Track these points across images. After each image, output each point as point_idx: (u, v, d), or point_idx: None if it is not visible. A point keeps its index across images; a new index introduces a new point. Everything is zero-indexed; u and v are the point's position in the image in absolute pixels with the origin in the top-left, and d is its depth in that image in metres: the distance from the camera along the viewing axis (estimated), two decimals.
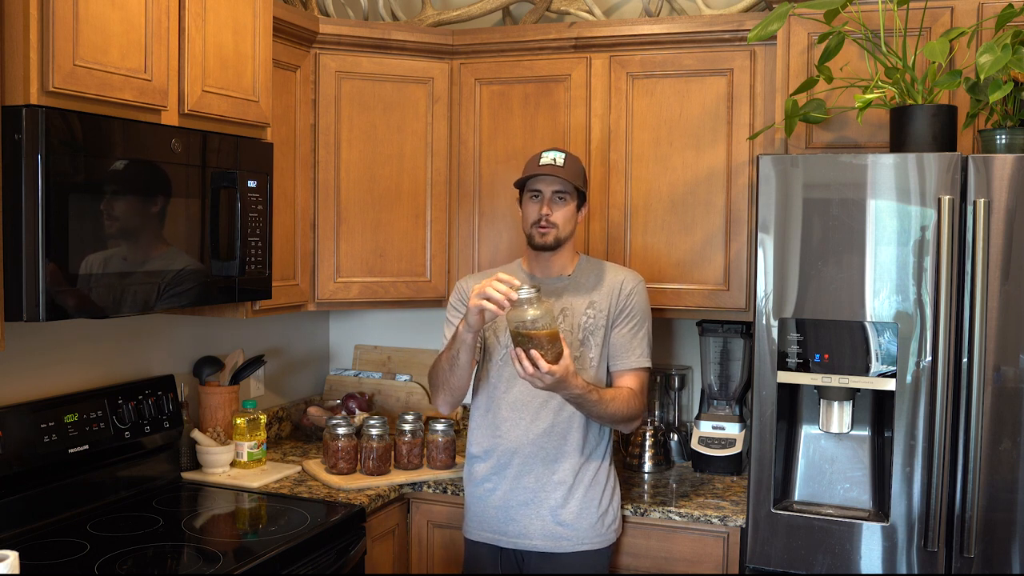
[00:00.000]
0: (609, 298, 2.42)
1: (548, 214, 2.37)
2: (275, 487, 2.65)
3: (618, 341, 2.41)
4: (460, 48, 2.96)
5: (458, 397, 2.42)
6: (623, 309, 2.42)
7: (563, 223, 2.39)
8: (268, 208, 2.48)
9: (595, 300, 2.42)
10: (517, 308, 2.10)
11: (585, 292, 2.43)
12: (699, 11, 2.95)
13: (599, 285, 2.44)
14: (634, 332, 2.42)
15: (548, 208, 2.37)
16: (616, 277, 2.45)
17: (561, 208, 2.38)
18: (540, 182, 2.38)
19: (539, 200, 2.38)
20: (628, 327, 2.42)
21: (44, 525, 2.26)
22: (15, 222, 1.84)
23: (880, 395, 2.29)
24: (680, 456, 3.01)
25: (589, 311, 2.41)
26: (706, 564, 2.49)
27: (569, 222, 2.41)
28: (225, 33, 2.32)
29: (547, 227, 2.38)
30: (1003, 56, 2.00)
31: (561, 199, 2.38)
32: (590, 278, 2.46)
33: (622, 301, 2.42)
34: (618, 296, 2.42)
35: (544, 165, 2.37)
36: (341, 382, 3.45)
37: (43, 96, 1.85)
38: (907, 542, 2.18)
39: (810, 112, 2.38)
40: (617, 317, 2.42)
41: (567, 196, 2.38)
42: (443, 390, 2.40)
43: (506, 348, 2.41)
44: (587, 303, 2.42)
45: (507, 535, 2.41)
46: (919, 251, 2.14)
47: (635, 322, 2.42)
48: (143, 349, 2.71)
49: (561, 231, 2.39)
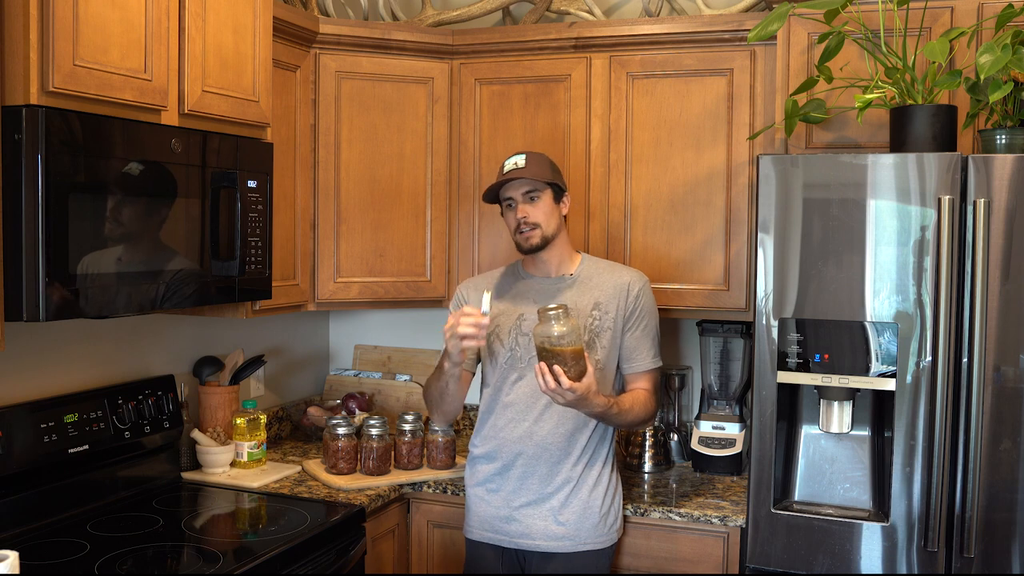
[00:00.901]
0: (617, 301, 2.41)
1: (525, 216, 2.36)
2: (275, 487, 2.65)
3: (630, 344, 2.41)
4: (460, 48, 2.96)
5: (452, 416, 2.52)
6: (633, 311, 2.41)
7: (544, 219, 2.37)
8: (268, 208, 2.48)
9: (601, 301, 2.41)
10: (544, 323, 2.11)
11: (589, 293, 2.42)
12: (699, 11, 2.95)
13: (604, 286, 2.43)
14: (645, 334, 2.43)
15: (524, 211, 2.36)
16: (622, 278, 2.44)
17: (536, 206, 2.37)
18: (509, 189, 2.38)
19: (514, 207, 2.38)
20: (639, 329, 2.42)
21: (44, 525, 2.26)
22: (15, 222, 1.84)
23: (880, 395, 2.29)
24: (680, 456, 3.01)
25: (595, 312, 2.40)
26: (706, 564, 2.49)
27: (551, 216, 2.39)
28: (225, 33, 2.32)
29: (529, 230, 2.37)
30: (1003, 56, 2.00)
31: (534, 198, 2.36)
32: (594, 278, 2.45)
33: (631, 304, 2.41)
34: (627, 299, 2.41)
35: (507, 172, 2.37)
36: (341, 382, 3.45)
37: (43, 96, 1.85)
38: (907, 542, 2.18)
39: (810, 112, 2.38)
40: (628, 320, 2.41)
41: (539, 193, 2.37)
42: (437, 411, 2.49)
43: (510, 351, 2.41)
44: (592, 304, 2.41)
45: (509, 535, 2.41)
46: (919, 251, 2.14)
47: (645, 323, 2.43)
48: (143, 349, 2.71)
49: (545, 228, 2.38)
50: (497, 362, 2.44)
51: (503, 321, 2.44)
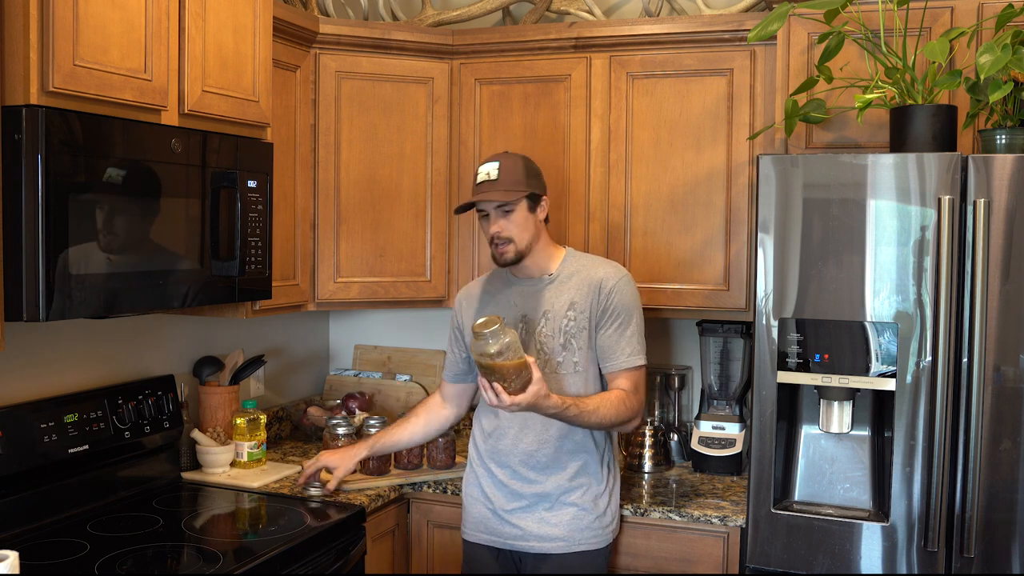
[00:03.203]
0: (589, 298, 2.34)
1: (499, 231, 2.31)
2: (275, 487, 2.65)
3: (605, 343, 2.34)
4: (460, 48, 2.96)
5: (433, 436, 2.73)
6: (605, 309, 2.33)
7: (518, 233, 2.32)
8: (268, 208, 2.48)
9: (576, 301, 2.35)
10: (479, 340, 2.03)
11: (566, 292, 2.36)
12: (699, 11, 2.95)
13: (580, 283, 2.36)
14: (620, 331, 2.33)
15: (497, 225, 2.31)
16: (596, 274, 2.36)
17: (510, 219, 2.31)
18: (481, 201, 2.32)
19: (488, 220, 2.34)
20: (613, 327, 2.33)
21: (44, 525, 2.26)
22: (15, 222, 1.84)
23: (880, 395, 2.29)
24: (680, 456, 3.01)
25: (570, 313, 2.35)
26: (706, 564, 2.49)
27: (525, 230, 2.33)
28: (225, 33, 2.32)
29: (503, 245, 2.32)
30: (1003, 56, 2.00)
31: (508, 211, 2.30)
32: (572, 277, 2.38)
33: (603, 301, 2.33)
34: (598, 296, 2.34)
35: (479, 184, 2.32)
36: (341, 382, 3.45)
37: (43, 96, 1.85)
38: (907, 542, 2.18)
39: (810, 112, 2.38)
40: (600, 318, 2.34)
41: (511, 205, 2.30)
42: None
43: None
44: (568, 304, 2.35)
45: (503, 536, 2.41)
46: (919, 251, 2.14)
47: (619, 321, 2.34)
48: (143, 349, 2.71)
49: (519, 241, 2.32)
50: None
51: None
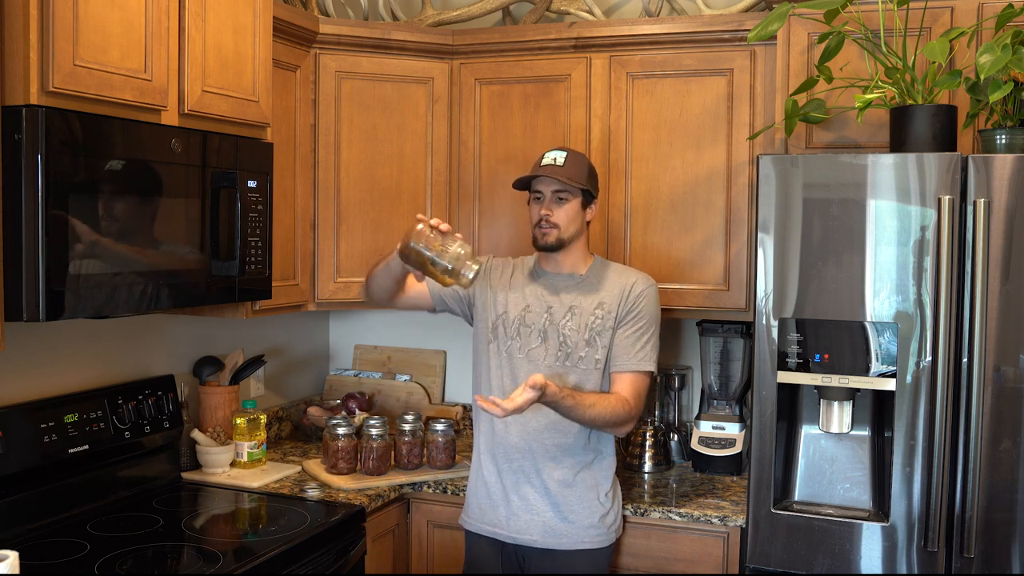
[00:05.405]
0: (618, 299, 2.40)
1: (548, 215, 2.37)
2: (275, 487, 2.65)
3: (620, 342, 2.38)
4: (460, 48, 2.96)
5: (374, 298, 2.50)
6: (630, 310, 2.39)
7: (565, 223, 2.38)
8: (268, 208, 2.48)
9: (604, 301, 2.40)
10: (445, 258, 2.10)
11: (595, 292, 2.42)
12: (699, 11, 2.95)
13: (610, 286, 2.42)
14: (638, 335, 2.38)
15: (548, 209, 2.37)
16: (628, 279, 2.43)
17: (562, 208, 2.37)
18: (541, 183, 2.38)
19: (541, 201, 2.39)
20: (632, 329, 2.38)
21: (44, 525, 2.25)
22: (15, 222, 1.84)
23: (880, 395, 2.29)
24: (680, 456, 3.01)
25: (598, 311, 2.40)
26: (706, 564, 2.49)
27: (572, 221, 2.39)
28: (225, 33, 2.32)
29: (548, 228, 2.38)
30: (1003, 56, 2.00)
31: (562, 199, 2.37)
32: (602, 279, 2.44)
33: (630, 302, 2.39)
34: (626, 297, 2.40)
35: (544, 166, 2.37)
36: (341, 382, 3.45)
37: (43, 96, 1.85)
38: (907, 542, 2.18)
39: (810, 112, 2.38)
40: (623, 318, 2.39)
41: (568, 195, 2.37)
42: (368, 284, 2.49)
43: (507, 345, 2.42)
44: (596, 303, 2.41)
45: (507, 529, 2.41)
46: (919, 251, 2.14)
47: (640, 325, 2.39)
48: (143, 349, 2.71)
49: (563, 231, 2.38)
50: (485, 360, 2.45)
51: (511, 309, 2.45)
